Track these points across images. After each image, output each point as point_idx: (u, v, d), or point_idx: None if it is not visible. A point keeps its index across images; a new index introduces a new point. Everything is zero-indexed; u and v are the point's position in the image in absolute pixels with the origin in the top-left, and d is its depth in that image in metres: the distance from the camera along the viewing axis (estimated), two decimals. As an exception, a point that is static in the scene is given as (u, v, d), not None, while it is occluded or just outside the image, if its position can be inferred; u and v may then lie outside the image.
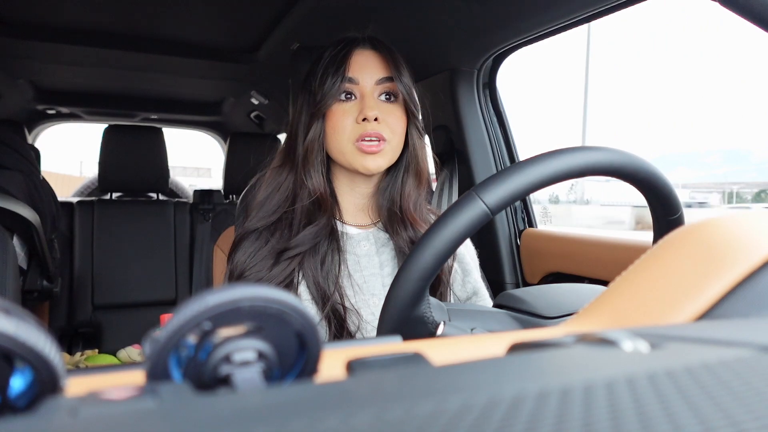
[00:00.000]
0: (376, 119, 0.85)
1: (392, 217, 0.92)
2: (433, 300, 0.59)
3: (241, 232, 0.90)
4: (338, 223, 0.92)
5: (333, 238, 0.89)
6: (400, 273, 0.55)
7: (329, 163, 0.92)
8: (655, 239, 0.65)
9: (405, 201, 0.92)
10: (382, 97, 0.89)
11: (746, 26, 0.72)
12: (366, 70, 0.88)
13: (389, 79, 0.88)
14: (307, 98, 0.90)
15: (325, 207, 0.89)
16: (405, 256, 0.89)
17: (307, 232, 0.87)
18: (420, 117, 0.92)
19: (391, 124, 0.88)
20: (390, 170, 0.93)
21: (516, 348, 0.29)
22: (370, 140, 0.86)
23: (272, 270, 0.85)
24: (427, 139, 1.33)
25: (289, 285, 0.86)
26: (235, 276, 0.87)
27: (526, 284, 1.53)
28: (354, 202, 0.95)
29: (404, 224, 0.91)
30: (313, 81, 0.89)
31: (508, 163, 1.58)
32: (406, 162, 0.92)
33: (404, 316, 0.55)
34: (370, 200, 0.95)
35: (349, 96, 0.88)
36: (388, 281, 0.90)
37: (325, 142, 0.89)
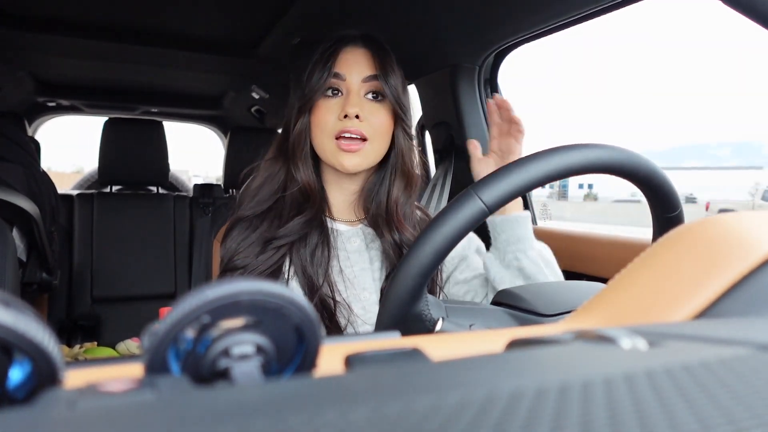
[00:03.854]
0: (357, 117, 0.85)
1: (378, 219, 0.92)
2: (431, 297, 0.59)
3: (232, 220, 0.91)
4: (328, 220, 0.93)
5: (323, 233, 0.89)
6: (399, 270, 0.55)
7: (318, 158, 0.93)
8: (655, 236, 0.65)
9: (392, 204, 0.91)
10: (369, 95, 0.89)
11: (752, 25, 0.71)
12: (354, 66, 0.88)
13: (376, 77, 0.88)
14: (298, 92, 0.91)
15: (314, 199, 0.90)
16: (390, 258, 0.90)
17: (296, 222, 0.87)
18: (408, 118, 0.91)
19: (375, 124, 0.87)
20: (377, 171, 0.93)
21: (514, 344, 0.29)
22: (350, 137, 0.86)
23: (258, 257, 0.86)
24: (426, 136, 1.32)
25: (277, 273, 0.87)
26: (225, 261, 0.88)
27: (525, 281, 1.53)
28: (343, 199, 0.95)
29: (390, 227, 0.91)
30: (303, 75, 0.90)
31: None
32: (392, 164, 0.92)
33: (402, 313, 0.55)
34: (357, 198, 0.95)
35: (335, 92, 0.88)
36: (378, 275, 0.91)
37: (310, 136, 0.90)
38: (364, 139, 0.86)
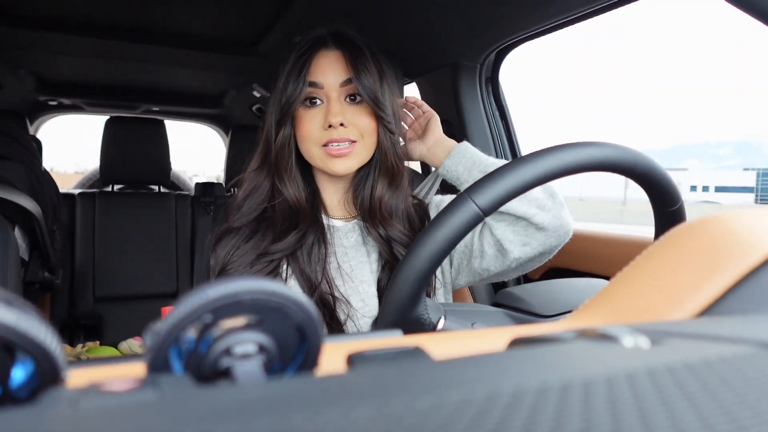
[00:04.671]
0: (342, 124, 0.85)
1: (365, 214, 0.92)
2: (429, 301, 0.59)
3: (221, 230, 0.90)
4: (324, 217, 0.93)
5: (319, 231, 0.89)
6: (396, 276, 0.55)
7: (308, 162, 0.92)
8: (656, 231, 0.65)
9: (375, 201, 0.91)
10: (349, 99, 0.88)
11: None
12: (329, 72, 0.86)
13: (352, 80, 0.86)
14: (276, 100, 0.89)
15: (304, 213, 0.89)
16: (382, 253, 0.91)
17: (291, 237, 0.87)
18: (390, 116, 0.89)
19: (360, 126, 0.87)
20: (361, 168, 0.92)
21: (516, 343, 0.29)
22: (337, 145, 0.85)
23: (252, 267, 0.86)
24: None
25: (272, 277, 0.86)
26: (217, 271, 0.87)
27: (527, 280, 1.53)
28: (337, 197, 0.95)
29: (374, 223, 0.91)
30: (279, 83, 0.88)
31: (510, 158, 1.57)
32: (375, 162, 0.91)
33: (402, 318, 0.55)
34: (349, 193, 0.96)
35: (314, 101, 0.87)
36: (375, 267, 0.92)
37: (296, 146, 0.89)
38: (352, 142, 0.86)
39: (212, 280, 0.88)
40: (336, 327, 0.85)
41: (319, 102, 0.87)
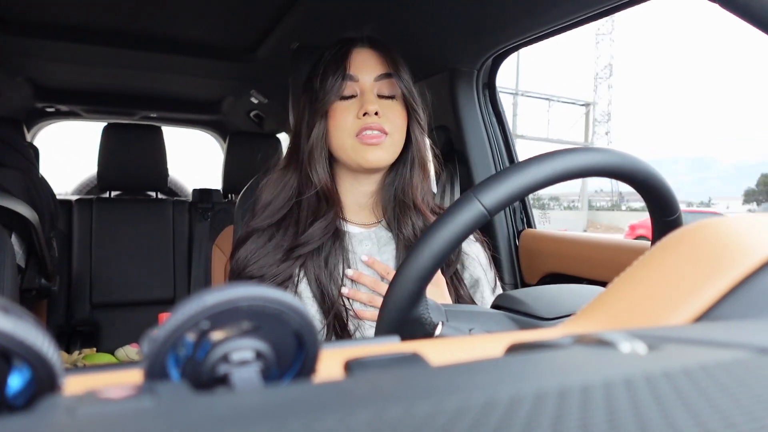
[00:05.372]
0: (376, 113, 0.87)
1: (402, 208, 0.93)
2: (431, 301, 0.59)
3: (246, 230, 0.91)
4: (340, 222, 0.93)
5: (336, 237, 0.90)
6: (398, 274, 0.55)
7: (332, 162, 0.93)
8: (654, 240, 0.65)
9: (414, 192, 0.93)
10: (382, 94, 0.91)
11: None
12: (365, 67, 0.90)
13: (388, 75, 0.90)
14: (309, 98, 0.92)
15: (332, 200, 0.91)
16: (396, 262, 0.91)
17: (316, 227, 0.88)
18: (421, 113, 0.93)
19: (392, 119, 0.89)
20: (395, 165, 0.94)
21: (514, 349, 0.29)
22: (372, 132, 0.87)
23: (280, 266, 0.86)
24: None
25: (288, 281, 0.87)
26: (236, 273, 0.88)
27: (524, 285, 1.53)
28: (357, 201, 0.96)
29: (413, 215, 0.92)
30: (314, 80, 0.91)
31: (507, 164, 1.58)
32: (411, 156, 0.94)
33: (402, 317, 0.55)
34: (373, 198, 0.96)
35: (350, 94, 0.90)
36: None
37: (327, 139, 0.91)
38: (384, 133, 0.88)
39: (230, 281, 0.89)
40: (345, 337, 0.85)
41: (354, 95, 0.90)
